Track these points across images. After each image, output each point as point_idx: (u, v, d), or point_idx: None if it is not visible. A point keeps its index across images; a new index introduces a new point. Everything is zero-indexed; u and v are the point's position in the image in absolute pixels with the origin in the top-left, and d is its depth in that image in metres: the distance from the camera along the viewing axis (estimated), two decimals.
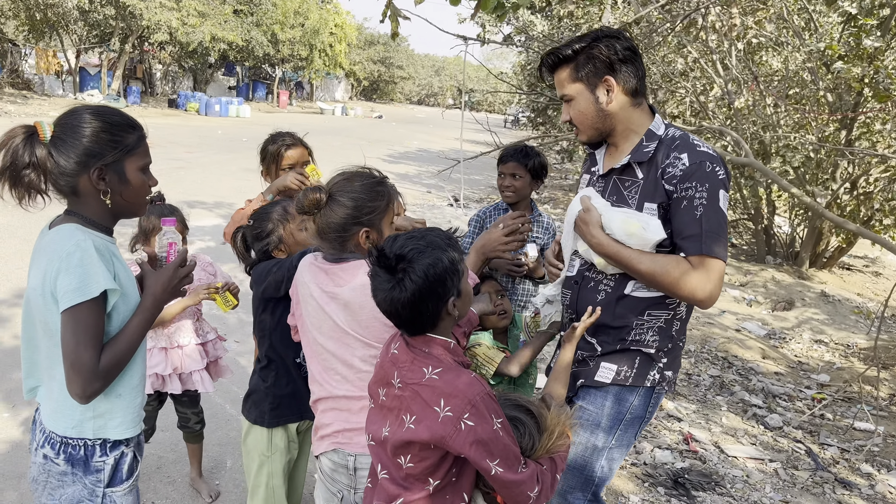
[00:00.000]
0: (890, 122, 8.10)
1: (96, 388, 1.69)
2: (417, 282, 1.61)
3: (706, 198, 2.04)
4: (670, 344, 2.25)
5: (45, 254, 1.71)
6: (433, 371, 1.63)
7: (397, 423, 1.66)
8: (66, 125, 1.72)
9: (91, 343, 1.67)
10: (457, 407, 1.57)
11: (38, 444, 1.81)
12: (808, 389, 6.04)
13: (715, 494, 4.00)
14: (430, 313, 1.66)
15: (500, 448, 1.58)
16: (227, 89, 38.93)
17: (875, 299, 9.37)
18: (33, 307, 1.76)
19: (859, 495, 4.23)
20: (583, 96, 2.17)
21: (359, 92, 61.74)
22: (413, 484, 1.67)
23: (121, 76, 28.22)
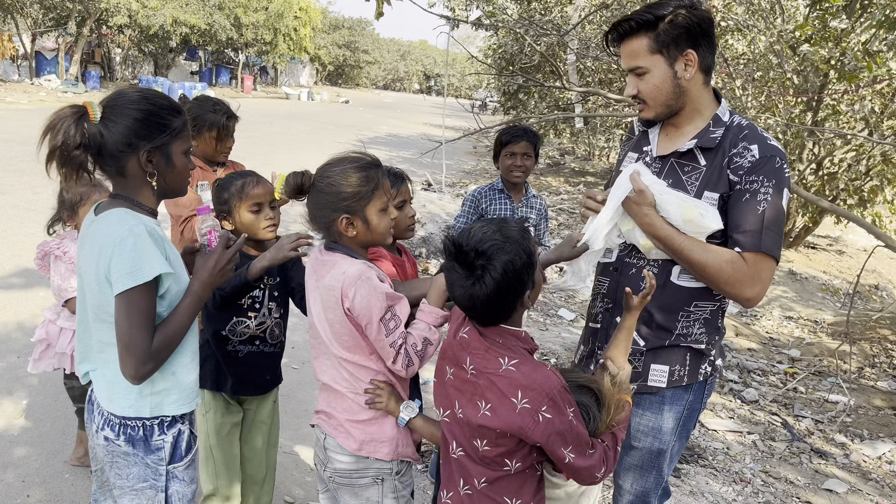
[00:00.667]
0: (856, 104, 8.30)
1: (149, 370, 1.73)
2: (497, 279, 1.60)
3: (771, 194, 1.94)
4: (717, 336, 2.17)
5: (97, 239, 1.73)
6: (510, 362, 1.65)
7: (471, 407, 1.69)
8: (116, 107, 1.73)
9: (144, 325, 1.70)
10: (535, 399, 1.61)
11: (98, 427, 1.85)
12: (781, 364, 6.21)
13: (698, 466, 4.10)
14: (507, 308, 1.67)
15: (574, 437, 1.64)
16: (189, 74, 38.12)
17: (840, 277, 9.64)
18: (87, 292, 1.79)
19: (835, 464, 4.37)
20: (660, 69, 2.00)
21: (324, 77, 61.00)
22: (491, 465, 1.72)
23: (79, 60, 27.45)
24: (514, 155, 3.32)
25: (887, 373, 6.15)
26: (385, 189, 1.98)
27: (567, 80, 8.28)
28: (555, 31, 8.54)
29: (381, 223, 1.97)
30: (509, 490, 1.74)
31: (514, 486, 1.74)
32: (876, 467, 4.38)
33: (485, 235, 1.64)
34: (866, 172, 9.02)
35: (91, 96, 23.98)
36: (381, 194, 1.95)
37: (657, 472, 2.25)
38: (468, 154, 19.84)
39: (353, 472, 2.03)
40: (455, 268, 1.67)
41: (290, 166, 2.14)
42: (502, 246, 1.62)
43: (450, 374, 1.79)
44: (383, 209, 1.97)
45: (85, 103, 1.73)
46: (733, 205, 1.99)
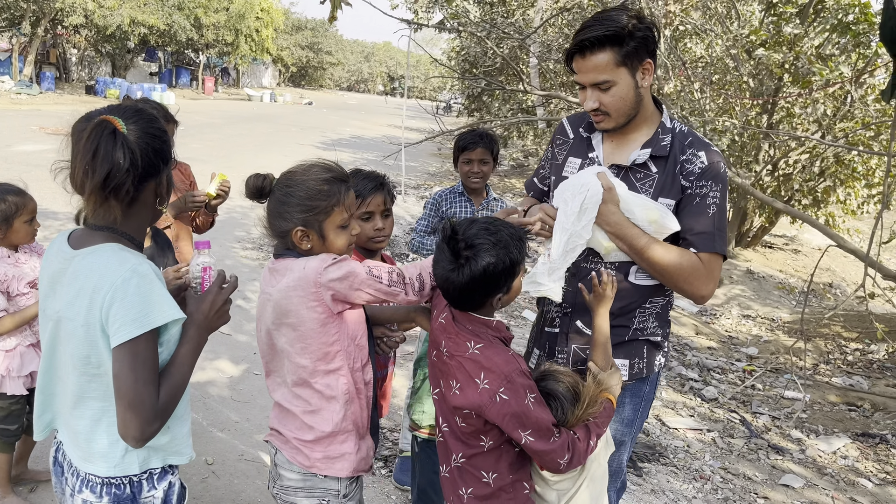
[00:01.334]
0: (809, 107, 8.51)
1: (154, 429, 1.53)
2: (474, 274, 1.73)
3: (719, 197, 2.05)
4: (668, 328, 2.28)
5: (87, 280, 1.50)
6: (475, 346, 1.79)
7: (446, 387, 1.84)
8: (138, 122, 1.52)
9: (151, 380, 1.51)
10: (493, 381, 1.73)
11: (74, 490, 1.63)
12: (739, 362, 6.33)
13: (659, 465, 4.16)
14: (476, 300, 1.80)
15: (532, 421, 1.73)
16: (148, 75, 37.42)
17: (795, 275, 9.87)
18: (63, 339, 1.57)
19: (791, 459, 4.47)
20: (625, 81, 2.00)
21: (287, 78, 60.47)
22: (469, 440, 1.85)
23: (33, 61, 26.77)
24: (470, 161, 3.34)
25: (841, 369, 6.31)
26: (347, 205, 1.88)
27: (529, 83, 8.34)
28: (517, 35, 8.60)
29: (337, 240, 1.88)
30: (485, 465, 1.85)
31: (489, 462, 1.85)
32: (831, 462, 4.49)
33: (480, 232, 1.75)
34: (820, 174, 9.25)
35: (45, 97, 23.42)
36: (341, 210, 1.86)
37: (617, 464, 2.31)
38: (433, 156, 19.85)
39: (300, 491, 1.97)
40: (444, 249, 1.78)
41: (252, 168, 2.10)
42: (490, 248, 1.73)
43: (433, 356, 1.93)
44: (342, 226, 1.89)
45: (105, 117, 1.48)
46: (684, 208, 2.08)
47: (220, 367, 4.72)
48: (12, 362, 2.84)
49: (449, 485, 1.96)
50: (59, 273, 1.58)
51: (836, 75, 7.45)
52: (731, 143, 9.12)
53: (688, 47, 10.16)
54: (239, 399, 4.27)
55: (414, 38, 5.34)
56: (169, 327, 1.57)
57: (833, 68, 7.39)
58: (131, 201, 1.54)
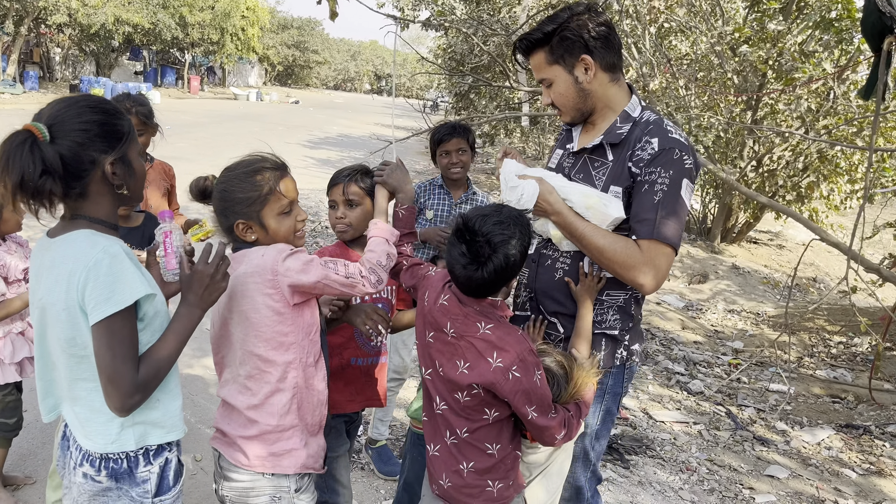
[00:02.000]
0: (792, 103, 8.59)
1: (136, 401, 1.61)
2: (498, 268, 1.81)
3: (668, 184, 2.01)
4: (631, 322, 2.25)
5: (63, 265, 1.57)
6: (486, 326, 1.86)
7: (450, 366, 1.90)
8: (65, 122, 1.56)
9: (129, 355, 1.57)
10: (507, 360, 1.82)
11: (76, 463, 1.69)
12: (725, 356, 6.39)
13: (647, 457, 4.19)
14: (496, 288, 1.89)
15: (538, 397, 1.85)
16: (133, 74, 37.16)
17: (780, 270, 9.96)
18: (50, 324, 1.63)
19: (776, 451, 4.52)
20: (561, 78, 2.12)
21: (273, 77, 60.20)
22: (472, 415, 1.92)
23: (16, 61, 26.52)
24: (448, 153, 3.32)
25: (825, 361, 6.39)
26: (282, 192, 1.92)
27: (515, 80, 8.36)
28: (503, 32, 8.61)
29: (280, 227, 1.93)
30: (489, 437, 1.94)
31: (493, 434, 1.94)
32: (815, 453, 4.54)
33: (495, 227, 1.81)
34: (803, 169, 9.34)
35: (29, 97, 23.20)
36: (277, 197, 1.91)
37: (584, 456, 2.34)
38: (420, 154, 19.84)
39: (250, 491, 1.94)
40: (462, 250, 1.83)
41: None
42: (508, 240, 1.81)
43: (429, 338, 1.97)
44: (284, 212, 1.93)
45: (27, 126, 1.54)
46: (634, 196, 2.08)
47: (208, 364, 4.71)
48: (3, 350, 2.85)
49: (442, 462, 2.00)
50: (39, 262, 1.66)
51: (819, 72, 7.53)
52: (715, 140, 9.21)
53: (673, 44, 10.22)
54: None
55: (401, 36, 5.35)
56: (144, 303, 1.61)
57: (816, 65, 7.47)
58: (80, 195, 1.59)
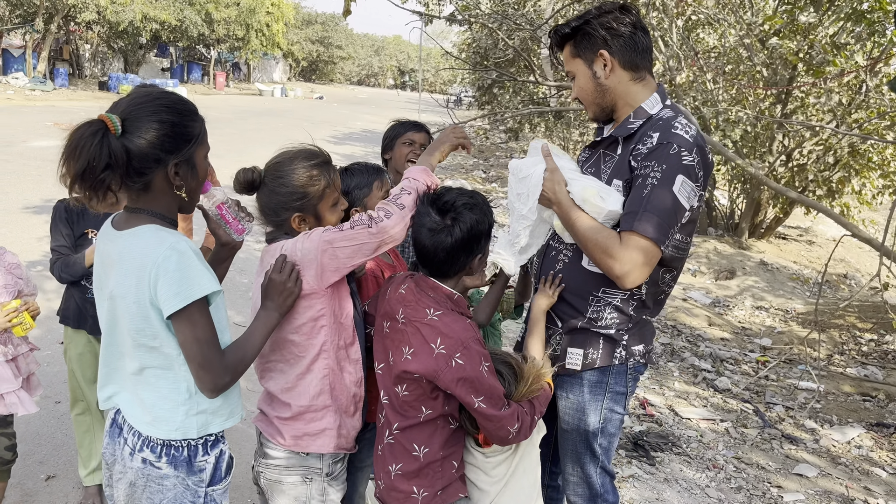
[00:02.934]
0: (823, 96, 8.44)
1: (227, 382, 1.70)
2: (464, 231, 1.84)
3: (659, 178, 2.00)
4: (630, 323, 2.23)
5: (132, 260, 1.63)
6: (434, 312, 1.85)
7: (398, 354, 1.88)
8: (139, 118, 1.59)
9: (213, 341, 1.66)
10: (450, 346, 1.79)
11: (136, 448, 1.75)
12: (753, 353, 6.31)
13: (672, 454, 4.16)
14: (457, 263, 1.88)
15: (486, 387, 1.81)
16: (160, 71, 37.64)
17: (810, 266, 9.81)
18: (120, 315, 1.69)
19: (805, 449, 4.46)
20: (581, 72, 2.19)
21: (297, 73, 60.55)
22: (407, 411, 1.90)
23: (46, 58, 26.97)
24: (413, 143, 3.08)
25: (856, 359, 6.28)
26: (335, 185, 2.01)
27: (541, 75, 8.32)
28: (528, 26, 8.57)
29: (332, 218, 2.01)
30: (419, 437, 1.90)
31: (423, 435, 1.91)
32: (845, 452, 4.47)
33: (460, 196, 1.88)
34: (834, 164, 9.18)
35: (59, 94, 23.59)
36: (332, 191, 1.99)
37: (590, 452, 2.34)
38: None
39: (283, 470, 2.02)
40: (429, 213, 1.87)
41: (265, 163, 2.12)
42: (472, 207, 1.86)
43: (386, 328, 1.95)
44: (334, 204, 2.02)
45: (102, 117, 1.57)
46: (631, 189, 2.09)
47: None
48: None
49: (380, 462, 2.00)
50: (106, 253, 1.71)
51: (851, 64, 7.39)
52: (744, 134, 9.08)
53: (700, 37, 10.09)
54: (254, 389, 4.31)
55: (425, 31, 5.35)
56: (210, 298, 1.67)
57: (847, 57, 7.33)
58: (141, 189, 1.64)
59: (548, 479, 2.73)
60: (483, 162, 17.85)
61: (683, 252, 2.21)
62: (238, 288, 6.03)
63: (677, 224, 2.05)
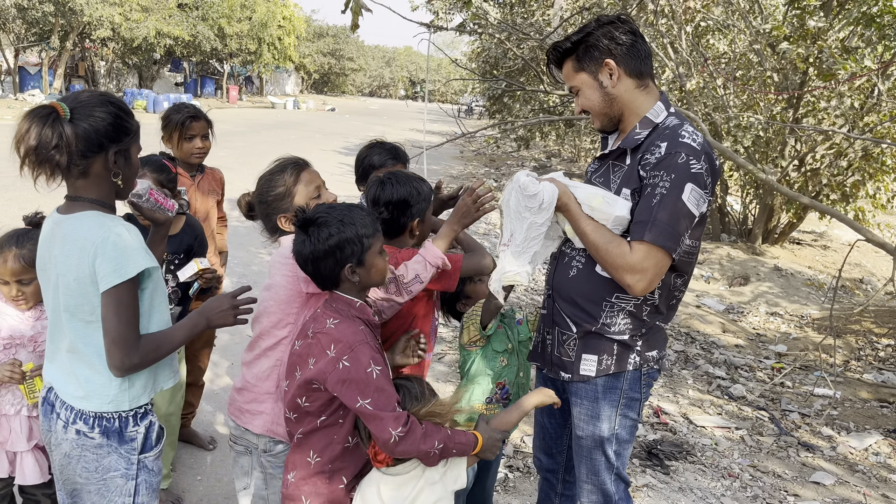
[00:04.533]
0: (834, 100, 8.39)
1: (135, 364, 1.81)
2: (317, 244, 1.89)
3: (668, 188, 2.03)
4: (644, 328, 2.25)
5: (74, 241, 1.78)
6: (332, 321, 1.91)
7: (305, 367, 1.93)
8: (85, 108, 1.75)
9: (132, 321, 1.79)
10: (339, 350, 1.85)
11: (69, 421, 1.87)
12: (768, 360, 6.26)
13: (687, 463, 4.14)
14: (328, 273, 1.93)
15: (373, 391, 1.82)
16: (174, 85, 38.03)
17: (824, 271, 9.73)
18: (62, 293, 1.82)
19: (822, 457, 4.42)
20: (587, 84, 2.21)
21: (309, 85, 60.96)
22: (304, 418, 1.95)
23: (62, 75, 27.35)
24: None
25: (872, 365, 6.22)
26: (306, 181, 2.26)
27: (550, 83, 8.34)
28: (536, 35, 8.60)
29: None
30: (316, 445, 1.97)
31: (320, 444, 1.96)
32: (862, 459, 4.43)
33: (326, 211, 1.94)
34: (848, 168, 9.11)
35: None
36: (300, 188, 2.24)
37: (605, 458, 2.34)
38: (455, 159, 19.91)
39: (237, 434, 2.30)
40: (297, 230, 1.95)
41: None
42: (330, 222, 1.90)
43: (297, 346, 2.00)
44: (313, 197, 2.24)
45: (53, 103, 1.74)
46: (640, 199, 2.12)
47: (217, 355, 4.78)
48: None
49: (284, 475, 2.07)
50: (50, 236, 1.86)
51: (861, 68, 7.34)
52: (755, 139, 9.05)
53: (710, 43, 10.07)
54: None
55: (434, 42, 5.38)
56: (145, 276, 1.83)
57: (857, 61, 7.29)
58: (82, 173, 1.79)
59: (561, 487, 2.73)
60: (494, 171, 17.87)
61: (693, 256, 2.26)
62: None
63: (687, 231, 2.10)
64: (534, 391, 2.26)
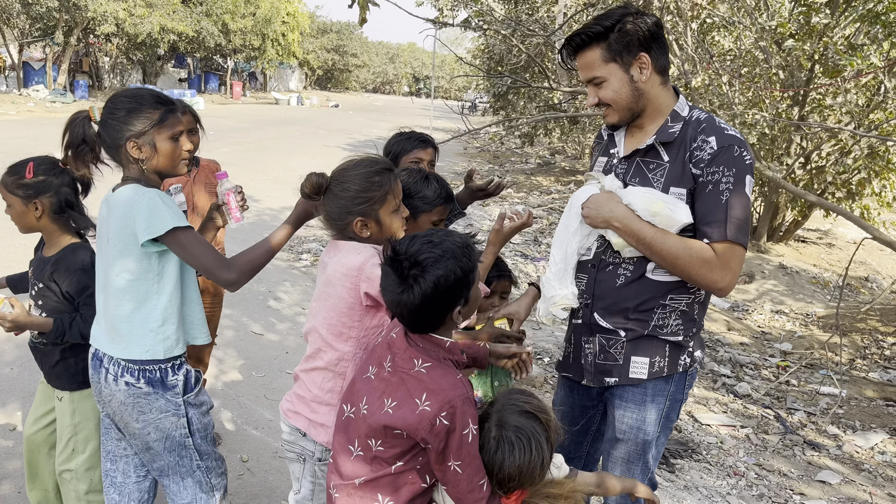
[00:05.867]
0: (840, 97, 8.36)
1: (233, 278, 2.08)
2: (427, 291, 1.64)
3: (733, 182, 2.00)
4: (695, 328, 2.22)
5: (117, 208, 2.09)
6: (422, 364, 1.69)
7: (378, 405, 1.71)
8: (108, 107, 2.12)
9: (205, 251, 2.06)
10: (435, 403, 1.63)
11: (117, 375, 2.15)
12: (773, 358, 6.25)
13: (692, 461, 4.13)
14: (433, 320, 1.71)
15: (466, 452, 1.64)
16: (177, 81, 38.04)
17: (830, 269, 9.70)
18: (108, 254, 2.12)
19: (827, 455, 4.41)
20: (616, 76, 2.09)
21: (313, 81, 60.92)
22: (379, 466, 1.73)
23: (66, 70, 27.35)
24: (421, 161, 2.90)
25: (878, 363, 6.20)
26: (396, 192, 2.09)
27: (555, 80, 8.32)
28: (541, 32, 8.58)
29: (392, 223, 2.09)
30: (386, 490, 1.75)
31: (390, 488, 1.75)
32: (868, 458, 4.42)
33: (423, 246, 1.67)
34: (853, 166, 9.08)
35: (80, 105, 23.88)
36: (392, 197, 2.08)
37: (643, 464, 2.31)
38: (459, 156, 19.87)
39: (288, 442, 2.22)
40: (388, 272, 1.71)
41: (282, 171, 2.28)
42: (438, 260, 1.65)
43: (371, 374, 1.80)
44: (395, 210, 2.10)
45: (89, 108, 2.17)
46: (698, 197, 2.06)
47: (253, 366, 4.80)
48: None
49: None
50: (106, 209, 2.17)
51: (867, 65, 7.31)
52: (760, 137, 9.01)
53: (715, 40, 10.03)
54: (271, 398, 4.34)
55: (438, 38, 5.38)
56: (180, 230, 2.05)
57: (863, 58, 7.26)
58: (119, 163, 2.15)
59: None
60: (498, 168, 17.85)
61: None
62: (256, 297, 6.07)
63: (750, 223, 2.09)
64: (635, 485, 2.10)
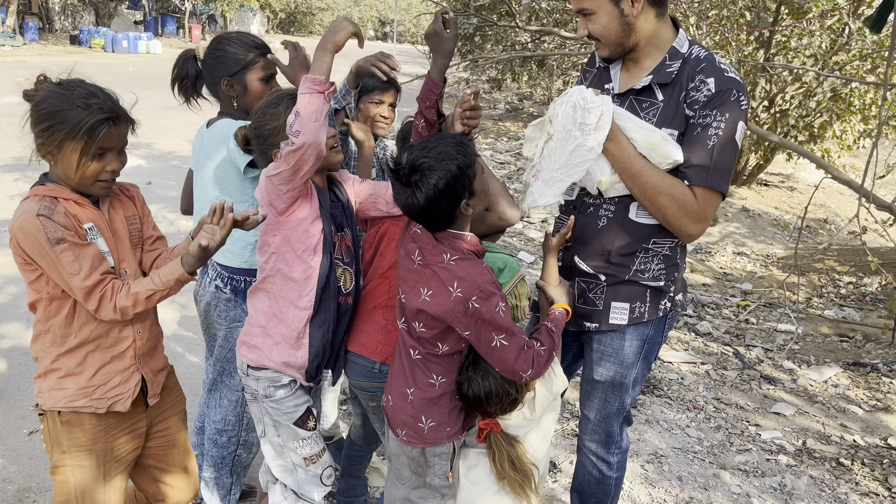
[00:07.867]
0: (805, 38, 8.37)
1: None
2: (429, 192, 1.81)
3: (723, 128, 1.93)
4: (676, 272, 2.18)
5: (213, 137, 2.39)
6: (451, 258, 1.88)
7: (414, 293, 1.91)
8: (209, 49, 2.44)
9: None
10: (467, 290, 1.83)
11: (212, 278, 2.47)
12: (734, 297, 6.39)
13: (654, 396, 4.24)
14: (444, 215, 1.88)
15: (505, 327, 1.86)
16: (132, 24, 36.59)
17: (791, 212, 9.88)
18: (206, 179, 2.41)
19: (783, 389, 4.55)
20: (605, 9, 1.99)
21: (275, 25, 59.16)
22: (425, 345, 1.97)
23: (15, 12, 26.12)
24: (380, 103, 2.86)
25: (834, 302, 6.38)
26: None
27: (521, 20, 8.17)
28: None
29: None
30: (437, 369, 1.98)
31: (441, 368, 1.98)
32: (822, 391, 4.57)
33: (419, 153, 1.84)
34: (816, 109, 9.16)
35: (30, 48, 22.91)
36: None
37: (619, 403, 2.32)
38: None
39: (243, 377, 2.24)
40: (394, 183, 1.89)
41: None
42: (433, 164, 1.81)
43: (404, 265, 1.99)
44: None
45: (195, 48, 2.51)
46: (686, 138, 1.99)
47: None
48: None
49: (393, 379, 2.08)
50: (198, 142, 2.51)
51: (832, 6, 7.30)
52: None
53: None
54: None
55: None
56: None
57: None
58: (217, 97, 2.49)
59: None
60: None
61: None
62: None
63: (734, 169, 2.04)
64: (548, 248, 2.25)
